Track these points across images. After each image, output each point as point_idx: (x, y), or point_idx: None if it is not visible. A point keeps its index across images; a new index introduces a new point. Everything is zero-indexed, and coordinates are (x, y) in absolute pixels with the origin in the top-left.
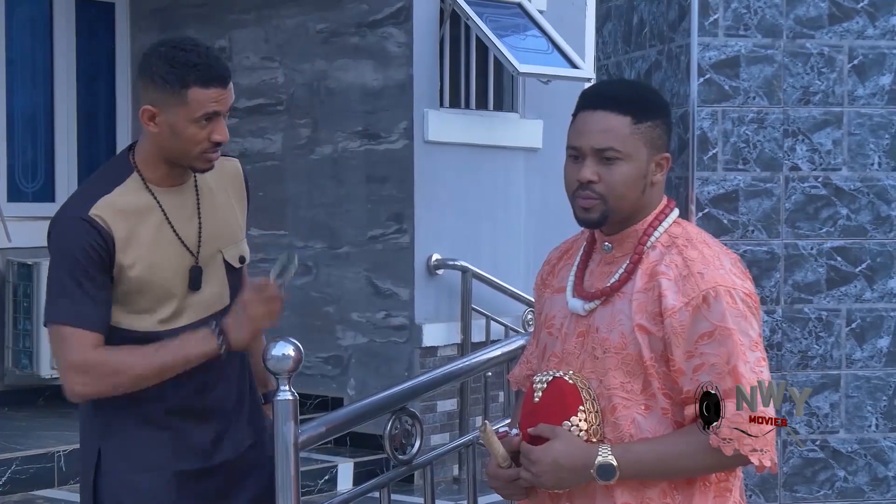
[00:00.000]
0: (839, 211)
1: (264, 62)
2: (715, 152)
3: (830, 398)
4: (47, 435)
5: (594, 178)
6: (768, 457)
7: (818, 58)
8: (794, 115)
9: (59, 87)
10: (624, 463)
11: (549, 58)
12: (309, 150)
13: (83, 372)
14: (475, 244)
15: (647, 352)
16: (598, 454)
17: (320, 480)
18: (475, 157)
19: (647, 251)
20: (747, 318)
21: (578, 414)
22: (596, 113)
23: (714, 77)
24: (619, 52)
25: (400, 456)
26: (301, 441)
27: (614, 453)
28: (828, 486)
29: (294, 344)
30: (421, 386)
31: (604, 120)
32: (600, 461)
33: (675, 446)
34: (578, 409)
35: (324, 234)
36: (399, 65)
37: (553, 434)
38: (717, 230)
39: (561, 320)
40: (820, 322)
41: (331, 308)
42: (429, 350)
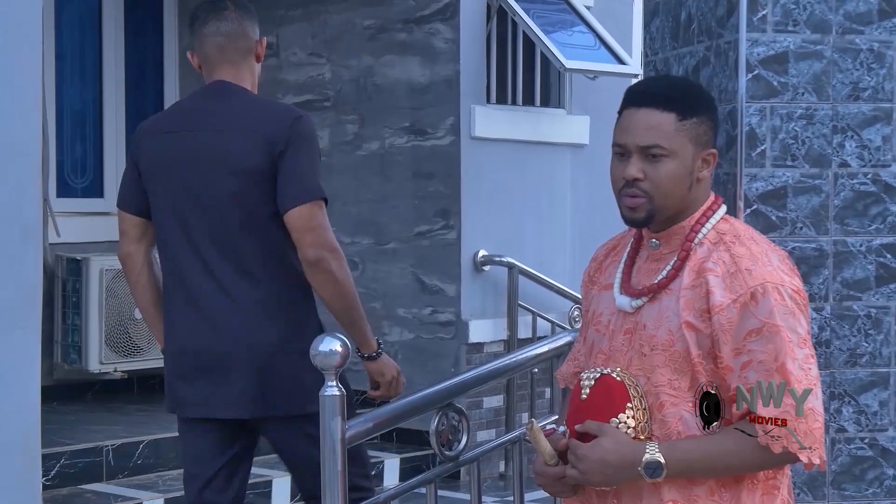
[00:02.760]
0: (889, 207)
1: (311, 58)
2: (763, 148)
3: (880, 396)
4: (95, 429)
5: (640, 176)
6: (817, 454)
7: (868, 53)
8: (844, 112)
9: (107, 84)
10: (671, 460)
11: (595, 54)
12: (356, 145)
13: (339, 256)
14: (521, 240)
15: (695, 349)
16: (646, 451)
17: None
18: (521, 153)
19: (694, 248)
20: (795, 315)
21: (626, 411)
22: (641, 110)
23: (762, 73)
24: (667, 47)
25: (446, 452)
26: (348, 436)
27: (661, 450)
28: (876, 484)
29: (341, 339)
30: (467, 382)
31: (649, 117)
32: (648, 458)
33: (723, 444)
34: (626, 407)
35: (370, 229)
36: (446, 61)
37: (600, 431)
38: (765, 227)
39: (608, 317)
40: (869, 319)
41: (377, 304)
42: (475, 346)
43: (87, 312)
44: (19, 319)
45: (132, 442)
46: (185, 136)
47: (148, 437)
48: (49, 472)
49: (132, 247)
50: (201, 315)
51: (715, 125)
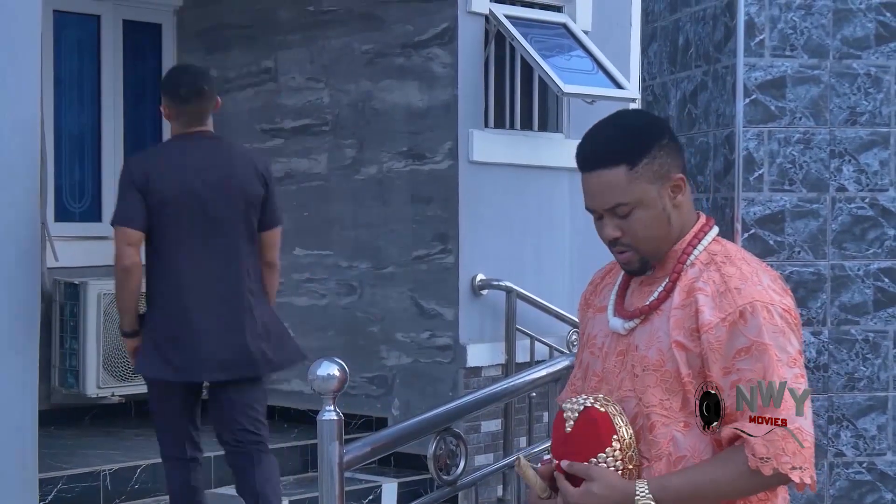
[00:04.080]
0: (886, 232)
1: (310, 83)
2: (761, 173)
3: (878, 420)
4: (93, 454)
5: (617, 234)
6: (808, 474)
7: (865, 78)
8: (841, 136)
9: (106, 107)
10: (663, 501)
11: (594, 78)
12: (354, 170)
13: None
14: (519, 264)
15: (685, 368)
16: (636, 495)
17: (364, 501)
18: (520, 177)
19: (685, 269)
20: (786, 334)
21: (613, 443)
22: (592, 174)
23: (760, 97)
24: (665, 72)
25: (444, 476)
26: (346, 461)
27: (652, 491)
28: None
29: (339, 364)
30: (465, 406)
31: (601, 179)
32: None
33: (714, 474)
34: (612, 440)
35: (368, 254)
36: (444, 85)
37: (588, 476)
38: (763, 251)
39: (602, 339)
40: (867, 343)
41: (375, 328)
42: (473, 370)
43: (85, 337)
44: (17, 344)
45: (130, 466)
46: (201, 170)
47: (145, 461)
48: (46, 497)
49: (137, 257)
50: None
51: (672, 148)
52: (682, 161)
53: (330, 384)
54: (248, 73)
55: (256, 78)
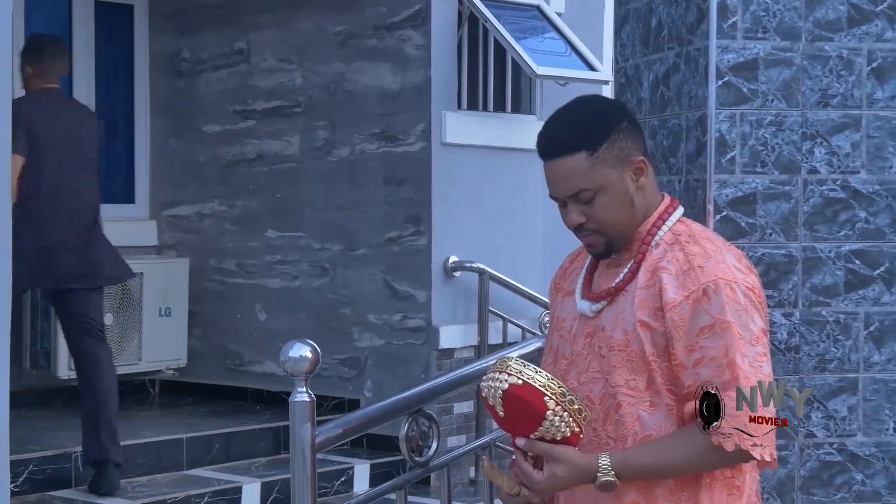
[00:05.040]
0: (857, 214)
1: (282, 64)
2: (733, 155)
3: (848, 401)
4: (64, 436)
5: (582, 220)
6: (768, 451)
7: (837, 60)
8: (813, 118)
9: (77, 88)
10: (625, 475)
11: (566, 60)
12: (326, 152)
13: None
14: (492, 246)
15: (650, 347)
16: (599, 470)
17: (337, 482)
18: (493, 159)
19: (650, 250)
20: (748, 312)
21: (548, 406)
22: (553, 162)
23: (732, 80)
24: (637, 54)
25: (416, 458)
26: (318, 442)
27: (615, 465)
28: (845, 489)
29: (311, 345)
30: (437, 388)
31: (562, 166)
32: (601, 480)
33: (676, 449)
34: (544, 402)
35: (341, 235)
36: (417, 67)
37: (549, 457)
38: (734, 233)
39: (571, 322)
40: (838, 325)
41: (347, 310)
42: (445, 352)
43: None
44: None
45: None
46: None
47: None
48: (17, 479)
49: None
50: None
51: (632, 131)
52: (642, 143)
53: (302, 366)
54: (220, 55)
55: (228, 59)
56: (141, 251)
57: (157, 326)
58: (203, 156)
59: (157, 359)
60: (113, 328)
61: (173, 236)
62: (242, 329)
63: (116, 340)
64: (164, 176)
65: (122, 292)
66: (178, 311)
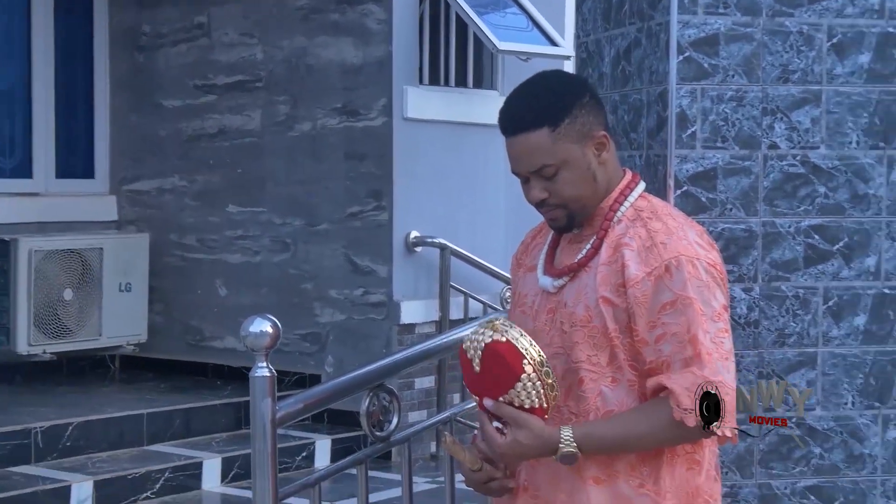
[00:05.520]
0: (817, 189)
1: (243, 38)
2: (694, 130)
3: (807, 376)
4: (24, 411)
5: (544, 196)
6: (729, 427)
7: (797, 36)
8: (773, 94)
9: (36, 63)
10: (586, 447)
11: (528, 35)
12: (288, 126)
13: None
14: (454, 221)
15: (612, 323)
16: (561, 442)
17: (298, 457)
18: (454, 134)
19: (613, 225)
20: (710, 289)
21: (525, 369)
22: (515, 138)
23: (693, 55)
24: (599, 29)
25: (377, 433)
26: (278, 418)
27: (577, 437)
28: (803, 462)
29: (272, 321)
30: (398, 363)
31: (525, 142)
32: (563, 451)
33: (638, 423)
34: (523, 365)
35: (302, 210)
36: (378, 42)
37: (515, 422)
38: (695, 208)
39: (533, 298)
40: (797, 300)
41: (309, 285)
42: (407, 327)
43: (16, 294)
44: None
45: (61, 424)
46: None
47: (77, 418)
48: None
49: None
50: None
51: (594, 106)
52: (604, 118)
53: (262, 341)
54: (180, 29)
55: (189, 34)
56: (101, 226)
57: (117, 302)
58: (163, 131)
59: (118, 334)
60: (73, 303)
61: (133, 211)
62: (203, 304)
63: (76, 316)
64: (125, 151)
65: (83, 267)
66: (138, 287)
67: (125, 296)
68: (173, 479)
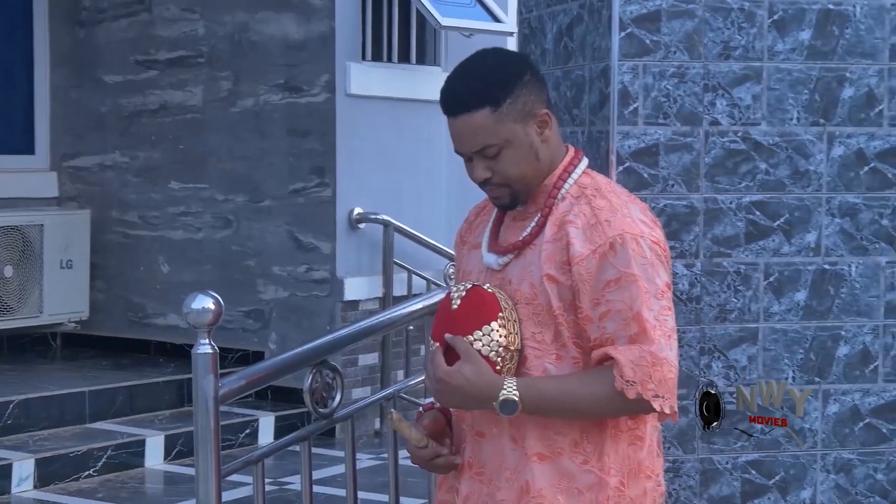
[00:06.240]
0: (758, 165)
1: (185, 14)
2: (636, 106)
3: (748, 351)
4: None
5: (487, 175)
6: (668, 404)
7: (738, 13)
8: (715, 70)
9: None
10: (528, 398)
11: (471, 11)
12: (230, 102)
13: None
14: (397, 198)
15: (556, 301)
16: (503, 388)
17: (241, 434)
18: (397, 110)
19: (557, 203)
20: (654, 266)
21: (498, 320)
22: (457, 119)
23: (635, 31)
24: (541, 5)
25: (321, 409)
26: (221, 394)
27: (519, 388)
28: (745, 437)
29: (214, 297)
30: (342, 339)
31: (467, 122)
32: (504, 396)
33: (580, 386)
34: (497, 316)
35: (245, 187)
36: (321, 17)
37: (466, 355)
38: (637, 184)
39: (477, 275)
40: (738, 276)
41: (252, 262)
42: (350, 304)
43: None
44: None
45: (2, 402)
46: None
47: (18, 396)
48: None
49: None
50: None
51: (535, 84)
52: (546, 95)
53: (204, 317)
54: (121, 4)
55: (129, 9)
56: (41, 203)
57: (58, 279)
58: (104, 106)
59: (59, 311)
60: (13, 280)
61: (74, 188)
62: (145, 281)
63: (17, 293)
64: (65, 127)
65: (23, 244)
66: (79, 264)
67: (66, 273)
68: (116, 456)
